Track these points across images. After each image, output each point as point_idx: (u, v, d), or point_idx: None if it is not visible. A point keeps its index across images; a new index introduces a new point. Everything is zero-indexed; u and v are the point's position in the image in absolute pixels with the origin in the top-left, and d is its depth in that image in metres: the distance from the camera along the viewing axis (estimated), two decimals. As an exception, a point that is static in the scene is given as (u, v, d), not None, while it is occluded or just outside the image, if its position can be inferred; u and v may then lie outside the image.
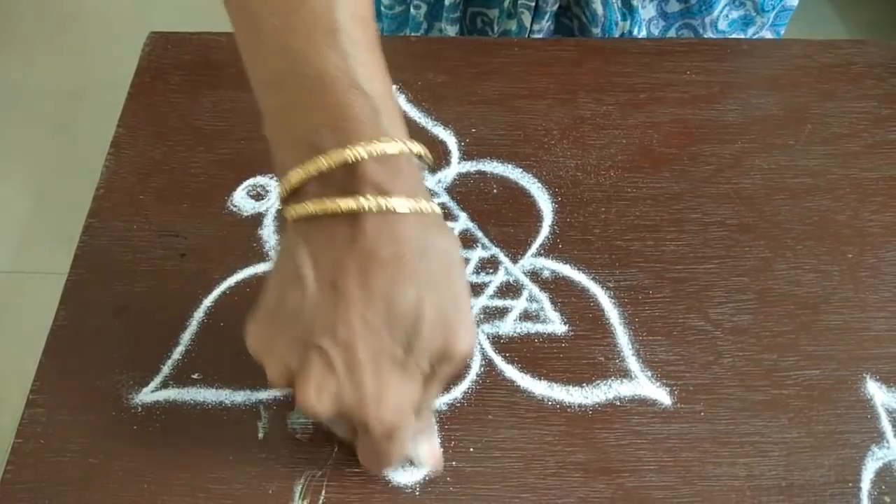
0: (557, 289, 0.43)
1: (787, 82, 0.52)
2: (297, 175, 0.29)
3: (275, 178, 0.47)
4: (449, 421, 0.39)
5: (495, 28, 0.60)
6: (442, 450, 0.37)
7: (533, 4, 0.55)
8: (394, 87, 0.51)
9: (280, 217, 0.44)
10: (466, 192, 0.47)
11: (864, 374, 0.40)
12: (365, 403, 0.29)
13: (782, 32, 0.62)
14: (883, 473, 0.37)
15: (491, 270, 0.44)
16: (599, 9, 0.55)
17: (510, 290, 0.43)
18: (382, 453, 0.32)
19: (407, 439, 0.32)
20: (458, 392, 0.40)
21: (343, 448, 0.37)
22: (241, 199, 0.46)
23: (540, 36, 0.58)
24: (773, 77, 0.52)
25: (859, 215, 0.46)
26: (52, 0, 1.47)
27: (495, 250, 0.44)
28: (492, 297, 0.43)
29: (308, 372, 0.29)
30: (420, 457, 0.36)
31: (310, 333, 0.29)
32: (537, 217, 0.46)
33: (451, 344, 0.30)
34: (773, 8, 0.58)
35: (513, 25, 0.58)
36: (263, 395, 0.39)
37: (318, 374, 0.29)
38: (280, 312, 0.30)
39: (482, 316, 0.42)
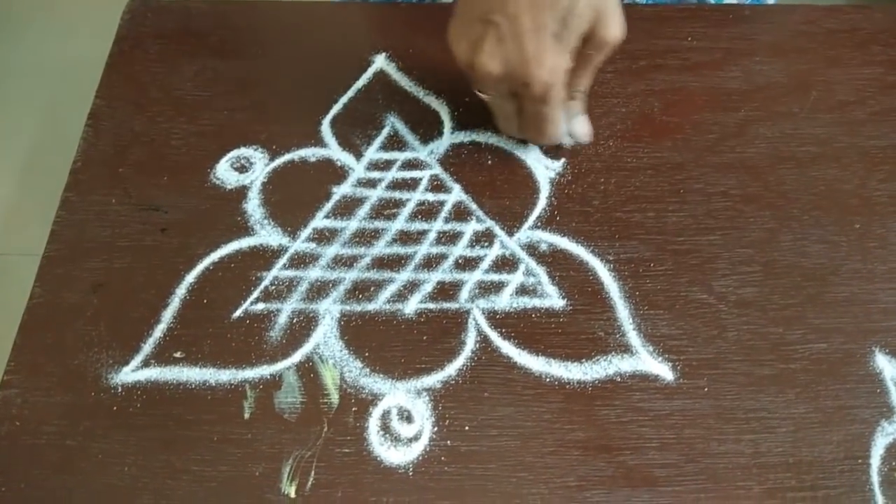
0: (555, 262, 0.41)
1: (792, 48, 0.50)
2: None
3: (259, 150, 0.45)
4: (443, 399, 0.37)
5: None
6: (590, 129, 0.44)
7: None
8: (383, 54, 0.49)
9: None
10: (460, 164, 0.45)
11: (874, 348, 0.39)
12: (526, 61, 0.36)
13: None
14: (893, 449, 0.36)
15: (486, 244, 0.42)
16: None
17: (506, 263, 0.41)
18: (541, 115, 0.40)
19: (560, 103, 0.39)
20: (452, 369, 0.38)
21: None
22: (224, 172, 0.44)
23: None
24: (776, 43, 0.50)
25: (867, 184, 0.44)
26: (34, -22, 1.43)
27: (490, 223, 0.43)
28: (487, 271, 0.41)
29: (483, 41, 0.37)
30: (576, 131, 0.44)
31: (487, 12, 0.37)
32: (534, 188, 0.44)
33: (599, 27, 0.37)
34: None
35: None
36: (249, 373, 0.38)
37: (491, 41, 0.37)
38: (465, 5, 0.38)
39: (477, 291, 0.40)
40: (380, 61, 0.49)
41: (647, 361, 0.38)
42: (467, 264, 0.41)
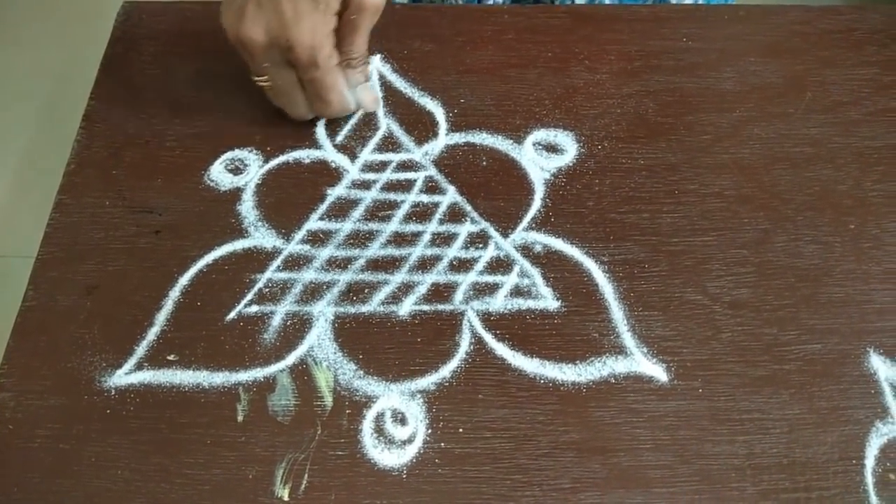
0: (550, 263, 0.41)
1: (786, 49, 0.50)
2: None
3: (253, 152, 0.45)
4: (437, 401, 0.37)
5: None
6: (377, 96, 0.47)
7: None
8: (378, 56, 0.49)
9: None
10: (455, 165, 0.45)
11: (868, 348, 0.39)
12: (286, 23, 0.38)
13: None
14: (887, 450, 0.36)
15: (481, 245, 0.42)
16: None
17: (500, 265, 0.41)
18: (319, 82, 0.41)
19: (333, 68, 0.41)
20: (446, 371, 0.38)
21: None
22: (218, 174, 0.44)
23: None
24: (771, 44, 0.50)
25: (861, 185, 0.44)
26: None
27: (485, 224, 0.43)
28: (481, 272, 0.41)
29: (244, 12, 0.39)
30: (362, 99, 0.45)
31: None
32: (528, 190, 0.44)
33: None
34: None
35: None
36: (243, 376, 0.38)
37: (252, 8, 0.39)
38: None
39: (472, 293, 0.40)
40: (375, 62, 0.49)
41: (641, 363, 0.38)
42: (462, 266, 0.41)
